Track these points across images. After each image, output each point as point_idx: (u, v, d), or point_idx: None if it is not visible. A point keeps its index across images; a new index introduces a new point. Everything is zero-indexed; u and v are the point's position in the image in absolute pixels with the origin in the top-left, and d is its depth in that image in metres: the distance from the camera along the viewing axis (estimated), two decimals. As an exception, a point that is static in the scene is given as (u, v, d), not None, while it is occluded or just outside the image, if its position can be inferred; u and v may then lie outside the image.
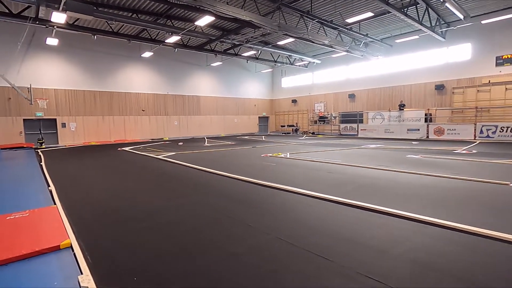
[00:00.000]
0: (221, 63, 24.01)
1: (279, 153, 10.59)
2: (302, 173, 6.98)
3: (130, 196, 5.20)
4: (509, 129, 14.10)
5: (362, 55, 20.17)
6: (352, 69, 23.78)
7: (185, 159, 9.84)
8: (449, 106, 18.24)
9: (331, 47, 19.39)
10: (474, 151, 10.26)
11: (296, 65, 25.60)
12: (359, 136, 20.11)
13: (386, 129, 18.69)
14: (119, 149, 14.54)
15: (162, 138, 22.41)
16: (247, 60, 23.80)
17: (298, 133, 26.00)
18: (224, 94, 27.26)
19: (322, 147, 13.26)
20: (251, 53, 21.43)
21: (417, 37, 17.89)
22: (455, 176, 6.10)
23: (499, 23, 16.01)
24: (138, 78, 22.05)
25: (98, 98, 20.25)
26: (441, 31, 17.43)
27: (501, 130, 14.28)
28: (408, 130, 17.64)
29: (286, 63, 24.99)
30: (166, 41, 17.65)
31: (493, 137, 14.51)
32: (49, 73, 18.31)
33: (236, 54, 21.50)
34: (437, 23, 16.89)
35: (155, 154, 11.40)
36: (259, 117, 30.43)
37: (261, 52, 21.95)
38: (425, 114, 17.50)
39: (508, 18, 15.24)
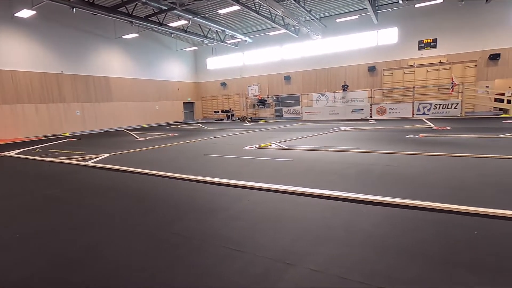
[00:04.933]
0: (137, 35, 19.05)
1: (268, 144, 8.22)
2: (360, 171, 4.94)
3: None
4: (441, 106, 15.55)
5: (305, 33, 19.16)
6: (287, 50, 22.75)
7: (138, 163, 6.37)
8: (380, 86, 19.28)
9: (274, 22, 17.61)
10: (449, 128, 10.36)
11: (227, 43, 22.84)
12: (303, 119, 19.35)
13: (331, 110, 18.44)
14: (-4, 155, 9.19)
15: (61, 134, 16.40)
16: (172, 34, 19.61)
17: (233, 119, 23.67)
18: (141, 76, 22.23)
19: (293, 132, 11.49)
20: (179, 23, 17.52)
21: (356, 17, 17.92)
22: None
23: (420, 9, 17.34)
24: (11, 49, 15.15)
25: None
26: (376, 13, 17.90)
27: (435, 108, 15.64)
28: (352, 110, 17.76)
29: (217, 40, 21.93)
30: (61, -8, 12.17)
31: (428, 114, 15.78)
32: None
33: (160, 24, 17.18)
34: (376, 3, 17.18)
35: (74, 159, 7.29)
36: (183, 103, 26.50)
37: (190, 24, 18.28)
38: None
39: (431, 4, 16.54)
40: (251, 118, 22.77)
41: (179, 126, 18.63)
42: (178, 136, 12.47)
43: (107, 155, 7.90)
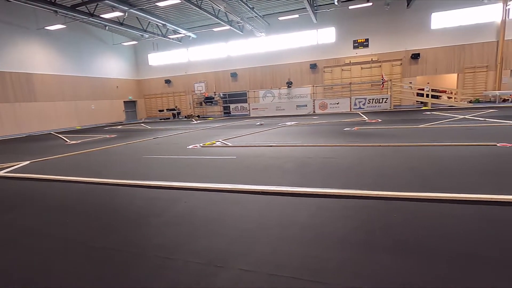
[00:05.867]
0: (64, 26, 17.01)
1: (213, 142, 8.03)
2: (300, 165, 5.08)
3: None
4: (374, 100, 17.04)
5: (249, 30, 19.21)
6: (232, 47, 22.63)
7: (64, 170, 5.69)
8: (321, 83, 20.38)
9: (218, 17, 17.32)
10: (380, 120, 11.37)
11: (170, 38, 21.82)
12: (251, 115, 19.50)
13: (277, 106, 18.91)
14: None
15: (-30, 141, 13.91)
16: (106, 27, 17.99)
17: (179, 117, 22.79)
18: (72, 72, 20.02)
19: (240, 129, 11.47)
20: (114, 15, 16.12)
21: (297, 16, 18.56)
22: (443, 143, 5.95)
23: (353, 10, 18.69)
24: None
25: None
26: (315, 13, 18.77)
27: (369, 102, 17.07)
28: (297, 106, 18.45)
29: (158, 35, 20.79)
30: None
31: (363, 108, 17.17)
32: None
33: (91, 15, 15.56)
34: (314, 3, 18.00)
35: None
36: (124, 101, 24.66)
37: (126, 16, 16.93)
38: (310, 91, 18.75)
39: (362, 6, 17.97)
40: (198, 116, 22.20)
41: (120, 127, 17.29)
42: (117, 137, 11.53)
43: (27, 162, 6.90)
